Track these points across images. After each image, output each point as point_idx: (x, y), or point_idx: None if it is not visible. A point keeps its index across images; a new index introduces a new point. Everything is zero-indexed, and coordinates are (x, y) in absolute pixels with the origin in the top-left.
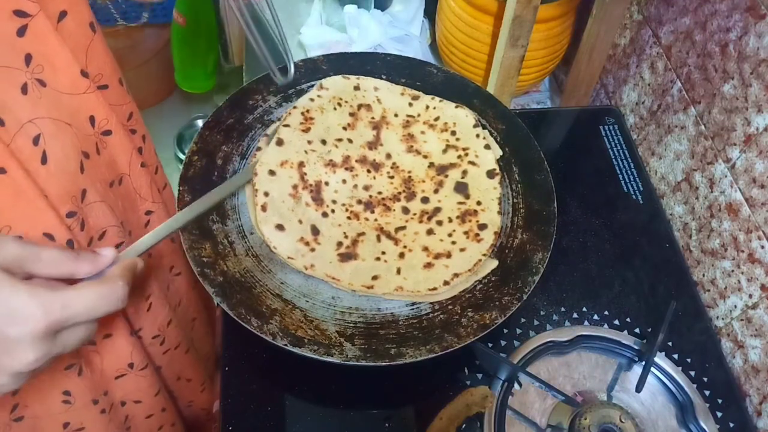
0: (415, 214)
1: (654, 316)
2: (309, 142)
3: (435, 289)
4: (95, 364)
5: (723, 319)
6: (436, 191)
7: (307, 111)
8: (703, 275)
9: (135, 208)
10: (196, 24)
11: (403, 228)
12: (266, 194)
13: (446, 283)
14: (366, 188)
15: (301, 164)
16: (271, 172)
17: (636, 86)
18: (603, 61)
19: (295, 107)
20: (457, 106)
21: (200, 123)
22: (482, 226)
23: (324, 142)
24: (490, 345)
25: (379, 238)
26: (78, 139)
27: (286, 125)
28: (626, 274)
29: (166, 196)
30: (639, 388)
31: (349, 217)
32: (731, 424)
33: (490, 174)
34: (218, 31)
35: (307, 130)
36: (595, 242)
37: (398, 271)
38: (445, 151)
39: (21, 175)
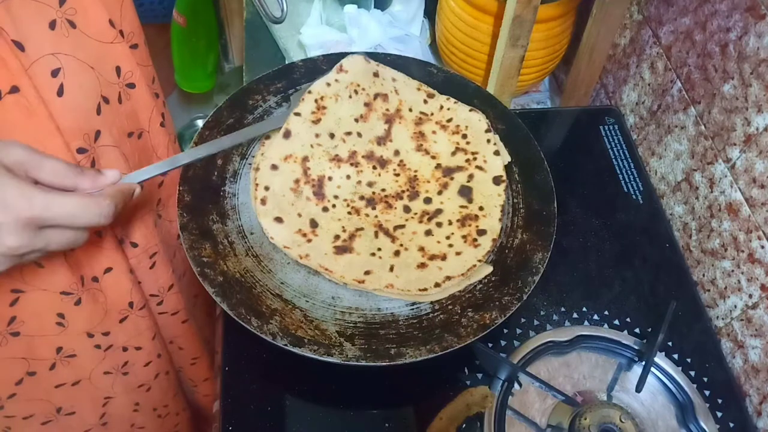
0: (415, 213)
1: (654, 316)
2: (317, 136)
3: (425, 290)
4: (99, 302)
5: (723, 319)
6: (439, 192)
7: (321, 98)
8: (703, 275)
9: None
10: (196, 24)
11: (402, 226)
12: (266, 188)
13: (437, 285)
14: (370, 184)
15: (305, 159)
16: (274, 167)
17: (636, 86)
18: (603, 61)
19: (309, 92)
20: (471, 110)
21: (200, 123)
22: (481, 232)
23: (332, 135)
24: (490, 345)
25: (376, 235)
26: (99, 83)
27: (297, 114)
28: (626, 274)
29: None
30: (639, 388)
31: (349, 212)
32: (731, 424)
33: (497, 180)
34: (218, 31)
35: (317, 121)
36: (595, 242)
37: (391, 269)
38: (453, 153)
39: (33, 95)
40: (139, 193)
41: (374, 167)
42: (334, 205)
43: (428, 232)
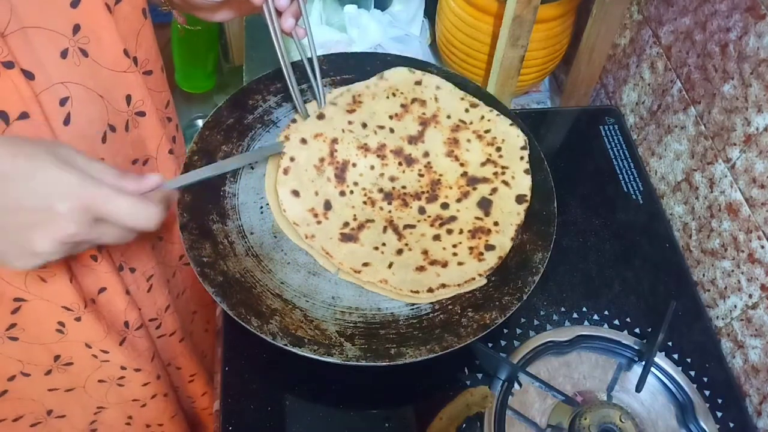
0: (429, 216)
1: (654, 316)
2: (350, 123)
3: (417, 292)
4: (101, 322)
5: (723, 319)
6: (458, 200)
7: (359, 95)
8: (703, 275)
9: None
10: (196, 24)
11: (412, 226)
12: (292, 159)
13: (431, 290)
14: (392, 179)
15: (334, 140)
16: (303, 141)
17: (636, 86)
18: (603, 61)
19: (348, 90)
20: (511, 124)
21: (200, 123)
22: (489, 247)
23: (365, 125)
24: (490, 345)
25: (385, 230)
26: (107, 112)
27: (333, 104)
28: (626, 274)
29: None
30: (639, 388)
31: (364, 202)
32: (731, 424)
33: (519, 199)
34: (218, 31)
35: (351, 111)
36: (595, 242)
37: (390, 266)
38: (483, 164)
39: (42, 121)
40: (175, 201)
41: (400, 163)
42: (351, 191)
43: (436, 237)
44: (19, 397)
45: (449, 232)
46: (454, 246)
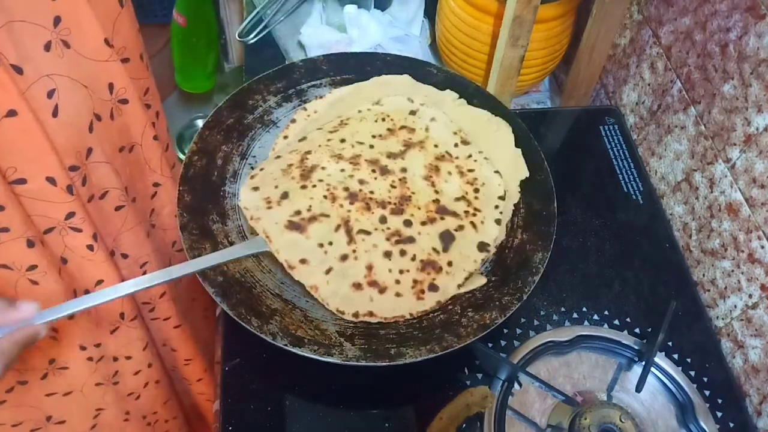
0: (388, 228)
1: (654, 316)
2: (328, 140)
3: (342, 313)
4: (91, 314)
5: (723, 319)
6: (423, 223)
7: (347, 119)
8: (703, 275)
9: (143, 177)
10: (196, 24)
11: (367, 233)
12: (262, 169)
13: (356, 315)
14: (360, 182)
15: (307, 152)
16: (277, 156)
17: (636, 86)
18: (603, 61)
19: (338, 116)
20: (496, 171)
21: (200, 123)
22: (433, 287)
23: (343, 140)
24: (490, 345)
25: (337, 228)
26: (92, 101)
27: (320, 129)
28: (626, 274)
29: (175, 173)
30: (639, 388)
31: (324, 196)
32: (731, 424)
33: (481, 247)
34: (218, 31)
35: (334, 131)
36: (595, 242)
37: (327, 271)
38: (458, 199)
39: (30, 118)
40: (43, 336)
41: (373, 170)
42: (314, 186)
43: (387, 254)
44: (17, 405)
45: (402, 253)
46: (401, 272)
